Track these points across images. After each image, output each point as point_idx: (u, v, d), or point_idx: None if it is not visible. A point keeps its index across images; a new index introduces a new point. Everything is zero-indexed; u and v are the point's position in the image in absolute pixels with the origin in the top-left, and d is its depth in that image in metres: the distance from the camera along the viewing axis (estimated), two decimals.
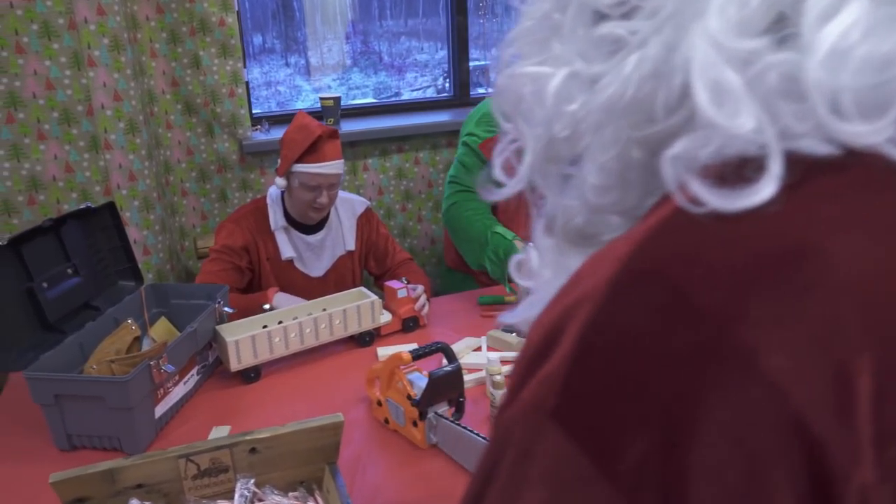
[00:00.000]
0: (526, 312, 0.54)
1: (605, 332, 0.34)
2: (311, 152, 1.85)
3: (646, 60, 0.38)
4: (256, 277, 2.00)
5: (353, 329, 1.78)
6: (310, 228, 2.01)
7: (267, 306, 1.81)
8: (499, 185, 0.53)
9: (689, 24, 0.36)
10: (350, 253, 2.08)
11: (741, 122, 0.33)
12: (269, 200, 1.99)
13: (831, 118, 0.32)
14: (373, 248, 2.12)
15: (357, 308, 1.76)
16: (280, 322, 1.73)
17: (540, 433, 0.34)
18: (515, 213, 2.11)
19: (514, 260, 0.59)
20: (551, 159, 0.47)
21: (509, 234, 1.95)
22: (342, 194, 2.09)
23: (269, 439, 1.13)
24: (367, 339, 1.81)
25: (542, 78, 0.44)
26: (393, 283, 1.89)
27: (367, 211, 2.11)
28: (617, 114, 0.40)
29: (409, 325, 1.88)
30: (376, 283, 2.21)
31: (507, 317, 0.57)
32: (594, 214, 0.47)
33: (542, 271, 0.53)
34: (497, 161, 0.52)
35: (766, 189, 0.32)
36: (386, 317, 1.85)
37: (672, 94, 0.37)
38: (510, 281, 1.92)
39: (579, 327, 0.34)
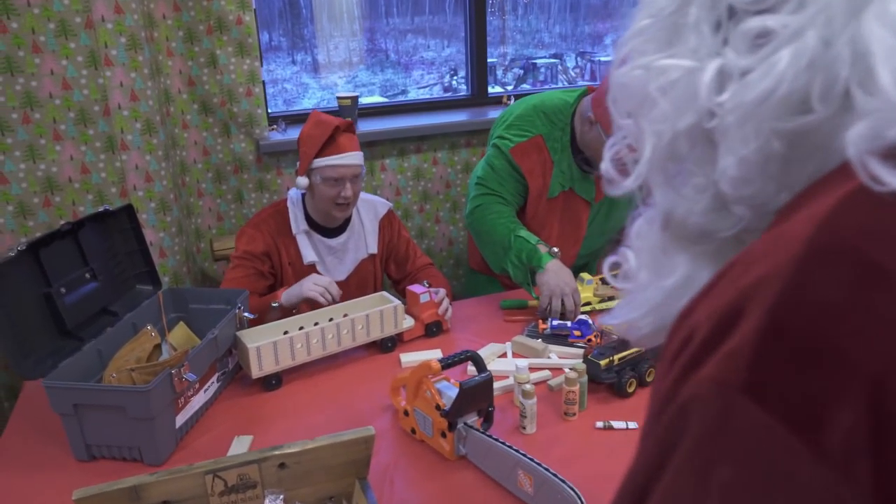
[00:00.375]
0: (627, 315, 0.56)
1: (797, 307, 0.34)
2: (330, 145, 1.82)
3: (802, 53, 0.39)
4: (279, 282, 1.96)
5: (376, 334, 1.74)
6: (332, 231, 1.97)
7: (275, 304, 1.77)
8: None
9: (849, 15, 0.37)
10: (372, 256, 2.04)
11: None
12: (289, 203, 1.95)
13: None
14: (393, 252, 2.08)
15: (380, 313, 1.73)
16: (301, 328, 1.69)
17: (730, 409, 0.35)
18: (545, 218, 2.07)
19: (607, 262, 0.60)
20: (673, 156, 0.48)
21: (533, 239, 1.91)
22: (364, 196, 2.05)
23: (298, 454, 1.09)
24: (389, 345, 1.77)
25: (676, 71, 0.46)
26: (415, 288, 1.85)
27: (389, 213, 2.07)
28: (768, 107, 0.41)
29: (433, 329, 1.84)
30: (395, 287, 2.17)
31: (608, 319, 0.59)
32: (722, 209, 0.48)
33: (639, 273, 0.55)
34: (607, 156, 0.53)
35: None
36: (408, 322, 1.81)
37: (829, 85, 0.39)
38: (533, 284, 1.91)
39: (767, 305, 0.35)
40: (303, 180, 1.86)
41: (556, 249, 1.91)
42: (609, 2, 4.76)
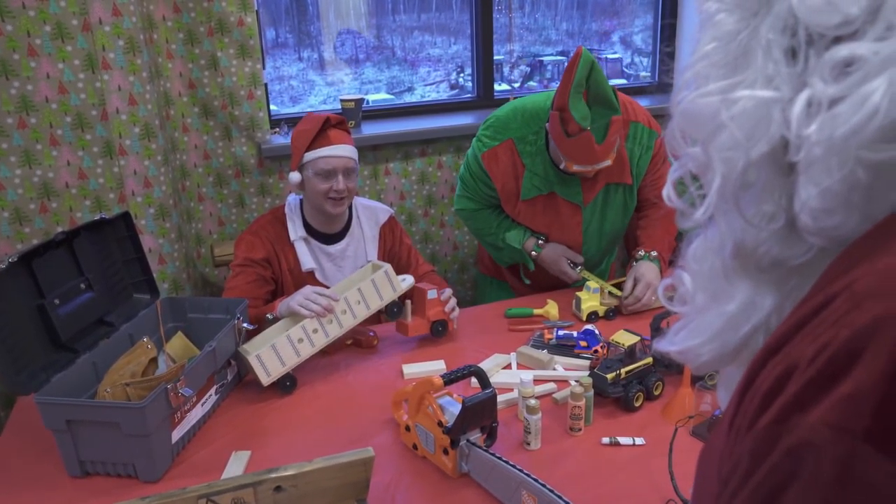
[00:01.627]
0: (687, 341, 0.55)
1: None
2: (320, 137, 1.81)
3: None
4: (279, 289, 1.93)
5: (376, 304, 1.70)
6: (330, 238, 1.94)
7: (270, 315, 1.72)
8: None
9: None
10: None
11: None
12: (287, 210, 1.92)
13: None
14: (395, 259, 2.03)
15: (372, 282, 1.68)
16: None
17: (852, 457, 0.33)
18: (531, 222, 2.07)
19: (662, 285, 0.60)
20: (744, 184, 0.46)
21: (517, 242, 2.05)
22: (364, 202, 2.02)
23: (294, 476, 1.06)
24: (395, 311, 1.73)
25: (751, 101, 0.44)
26: (423, 285, 1.81)
27: (391, 220, 2.03)
28: (860, 139, 0.39)
29: (438, 329, 1.81)
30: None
31: (665, 345, 0.57)
32: (793, 237, 0.46)
33: (696, 296, 0.54)
34: (669, 182, 0.53)
35: None
36: (407, 281, 1.77)
37: None
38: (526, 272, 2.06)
39: (892, 348, 0.33)
40: (295, 176, 1.83)
41: (539, 241, 2.06)
42: None
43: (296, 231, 1.89)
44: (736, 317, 0.51)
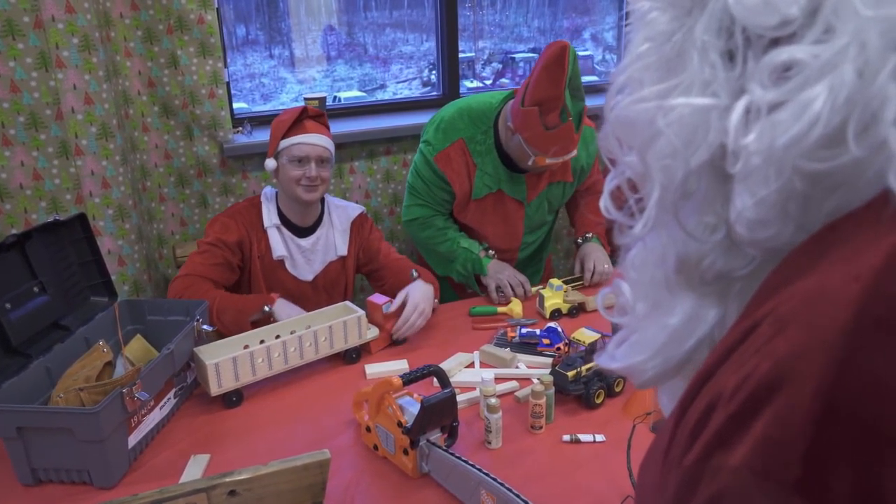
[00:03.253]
0: (630, 358, 0.52)
1: (855, 390, 0.30)
2: (297, 126, 1.85)
3: (839, 89, 0.35)
4: (246, 277, 1.93)
5: (340, 346, 1.70)
6: (302, 231, 1.95)
7: (267, 308, 1.74)
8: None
9: (887, 44, 0.34)
10: (342, 259, 2.00)
11: None
12: (263, 198, 1.95)
13: None
14: (367, 252, 2.05)
15: (343, 324, 1.68)
16: (262, 341, 1.64)
17: None
18: (479, 220, 2.13)
19: (601, 295, 0.58)
20: (684, 194, 0.44)
21: (475, 248, 2.06)
22: (338, 202, 2.04)
23: (249, 480, 1.04)
24: (353, 356, 1.72)
25: (688, 108, 0.41)
26: (375, 298, 1.81)
27: (362, 215, 2.05)
28: (800, 149, 0.36)
29: (399, 339, 1.80)
30: (370, 281, 2.12)
31: (607, 361, 0.54)
32: (734, 249, 0.44)
33: (636, 305, 0.52)
34: (606, 191, 0.50)
35: None
36: (373, 331, 1.76)
37: (867, 122, 0.35)
38: (479, 285, 2.06)
39: (815, 384, 0.31)
40: (270, 162, 1.87)
41: (492, 252, 2.09)
42: None
43: (270, 218, 1.91)
44: (679, 330, 0.48)
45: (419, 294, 1.80)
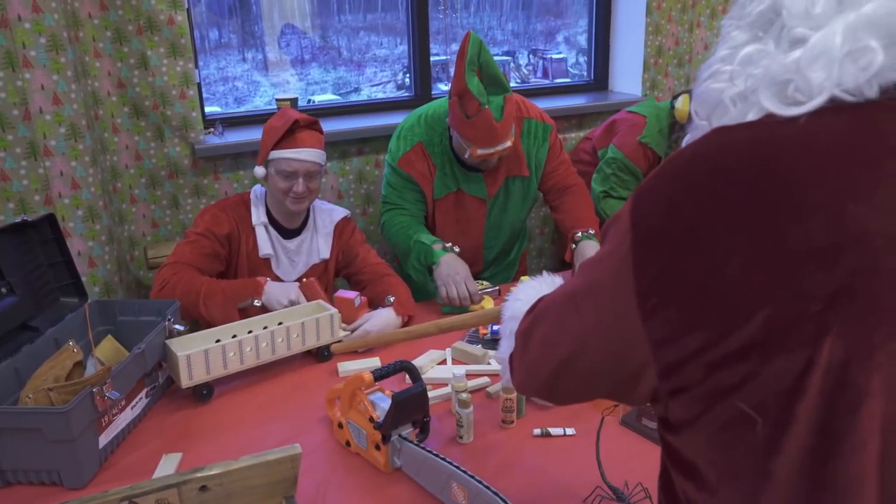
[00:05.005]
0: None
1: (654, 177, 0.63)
2: (287, 138, 1.83)
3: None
4: (232, 271, 1.94)
5: (312, 343, 1.70)
6: (288, 232, 1.97)
7: (258, 303, 1.76)
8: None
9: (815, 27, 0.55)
10: (324, 262, 2.02)
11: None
12: (252, 196, 1.96)
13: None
14: (348, 255, 2.07)
15: (316, 321, 1.69)
16: (234, 336, 1.64)
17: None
18: (441, 219, 2.17)
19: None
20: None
21: (429, 240, 2.02)
22: (324, 205, 2.06)
23: (220, 476, 1.05)
24: (325, 354, 1.73)
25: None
26: (344, 294, 1.83)
27: (346, 219, 2.07)
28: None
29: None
30: (350, 283, 2.13)
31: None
32: None
33: None
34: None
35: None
36: (345, 332, 1.77)
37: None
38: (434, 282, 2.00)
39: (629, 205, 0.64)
40: (260, 170, 1.88)
41: (450, 245, 2.02)
42: (561, 0, 4.78)
43: (258, 217, 1.93)
44: None
45: (379, 323, 1.79)
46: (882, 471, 0.50)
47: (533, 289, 0.99)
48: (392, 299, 1.85)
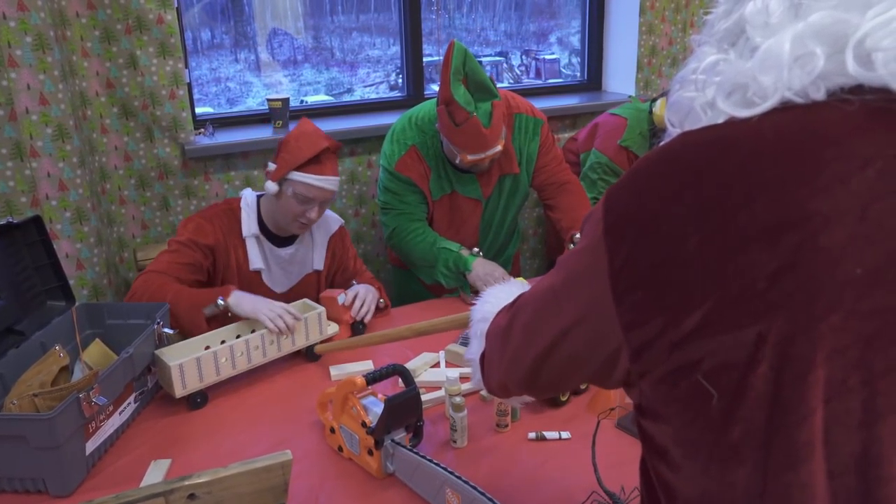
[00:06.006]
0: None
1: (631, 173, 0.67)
2: (314, 163, 1.75)
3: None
4: (219, 283, 1.85)
5: (301, 343, 1.69)
6: (282, 241, 1.90)
7: (221, 302, 1.66)
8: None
9: (773, 32, 0.60)
10: (317, 273, 1.98)
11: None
12: (243, 204, 1.85)
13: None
14: (341, 267, 2.05)
15: (304, 320, 1.67)
16: (223, 341, 1.62)
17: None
18: (436, 222, 2.16)
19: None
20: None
21: (454, 247, 2.03)
22: None
23: (209, 483, 1.02)
24: (315, 354, 1.71)
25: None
26: (328, 293, 1.83)
27: (340, 229, 2.03)
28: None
29: (360, 327, 1.83)
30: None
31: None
32: None
33: None
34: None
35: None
36: (333, 328, 1.76)
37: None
38: (472, 289, 1.97)
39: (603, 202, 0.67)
40: (272, 186, 1.77)
41: (476, 249, 2.05)
42: (553, 0, 4.77)
43: (250, 227, 1.84)
44: None
45: (362, 290, 1.89)
46: (826, 439, 0.54)
47: (502, 292, 1.04)
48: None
